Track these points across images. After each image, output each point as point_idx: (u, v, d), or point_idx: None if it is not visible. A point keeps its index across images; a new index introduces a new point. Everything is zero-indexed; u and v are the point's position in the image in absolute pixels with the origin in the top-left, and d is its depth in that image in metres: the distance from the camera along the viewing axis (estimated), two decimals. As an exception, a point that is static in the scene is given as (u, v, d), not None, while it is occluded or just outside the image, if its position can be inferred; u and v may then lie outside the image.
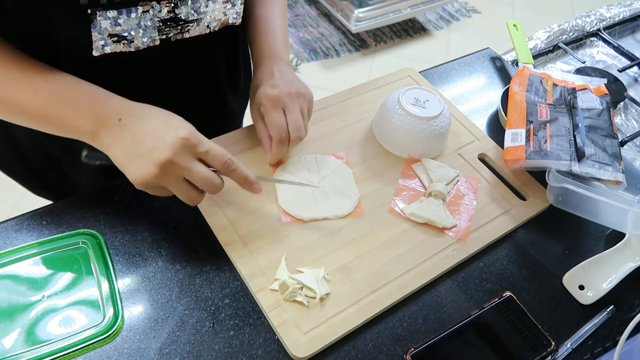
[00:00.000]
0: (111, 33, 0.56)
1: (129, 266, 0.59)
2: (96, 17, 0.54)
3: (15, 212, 0.62)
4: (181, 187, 0.54)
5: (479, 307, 0.59)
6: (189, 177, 0.53)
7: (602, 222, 0.68)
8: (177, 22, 0.60)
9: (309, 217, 0.64)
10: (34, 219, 0.61)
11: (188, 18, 0.60)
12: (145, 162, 0.51)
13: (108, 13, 0.54)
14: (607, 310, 0.62)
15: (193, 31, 0.62)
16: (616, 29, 1.14)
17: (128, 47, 0.58)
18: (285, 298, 0.56)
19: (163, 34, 0.60)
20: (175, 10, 0.58)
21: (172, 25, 0.59)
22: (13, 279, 0.55)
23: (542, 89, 0.80)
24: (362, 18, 2.26)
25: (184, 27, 0.61)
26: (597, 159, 0.68)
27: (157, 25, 0.58)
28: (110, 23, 0.55)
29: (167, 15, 0.58)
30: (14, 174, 0.82)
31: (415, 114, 0.71)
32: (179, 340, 0.54)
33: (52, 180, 0.79)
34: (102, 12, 0.54)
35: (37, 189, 0.84)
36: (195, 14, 0.60)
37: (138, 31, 0.57)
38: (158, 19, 0.58)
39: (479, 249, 0.65)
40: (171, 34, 0.60)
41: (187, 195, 0.55)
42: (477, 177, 0.73)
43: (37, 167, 0.78)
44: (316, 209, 0.65)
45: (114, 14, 0.54)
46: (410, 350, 0.55)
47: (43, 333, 0.52)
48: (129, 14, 0.55)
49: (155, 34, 0.59)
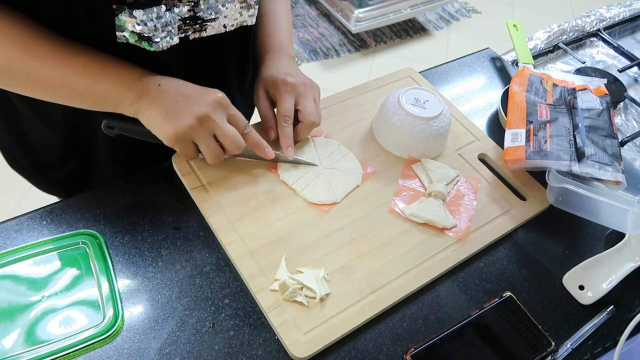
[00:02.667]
0: (134, 31, 0.57)
1: (129, 266, 0.59)
2: (121, 13, 0.55)
3: (15, 212, 0.62)
4: (210, 142, 0.61)
5: (479, 307, 0.59)
6: (219, 133, 0.60)
7: (602, 222, 0.68)
8: (196, 21, 0.61)
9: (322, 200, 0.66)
10: (34, 219, 0.61)
11: (207, 17, 0.61)
12: (184, 115, 0.58)
13: (134, 12, 0.55)
14: (607, 311, 0.62)
15: (210, 30, 0.63)
16: (616, 29, 1.14)
17: (150, 46, 0.59)
18: (285, 298, 0.56)
19: (182, 32, 0.61)
20: (194, 9, 0.60)
21: (191, 24, 0.61)
22: (13, 279, 0.55)
23: (542, 89, 0.80)
24: (362, 18, 2.26)
25: (202, 26, 0.62)
26: (597, 159, 0.68)
27: (178, 23, 0.60)
28: (135, 22, 0.56)
29: (187, 14, 0.59)
30: (23, 170, 0.83)
31: (415, 114, 0.71)
32: (179, 340, 0.54)
33: (61, 177, 0.80)
34: (126, 10, 0.55)
35: (46, 186, 0.85)
36: (214, 13, 0.62)
37: (160, 30, 0.59)
38: (179, 17, 0.59)
39: (479, 249, 0.65)
40: (190, 32, 0.62)
41: (213, 150, 0.61)
42: (477, 177, 0.73)
43: (46, 164, 0.78)
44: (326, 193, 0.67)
45: (139, 13, 0.55)
46: (410, 350, 0.55)
47: (43, 333, 0.52)
48: (152, 12, 0.56)
49: (175, 32, 0.60)
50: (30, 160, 0.80)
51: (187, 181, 0.66)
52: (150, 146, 0.64)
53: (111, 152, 0.73)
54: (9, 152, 0.82)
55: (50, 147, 0.75)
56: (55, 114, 0.68)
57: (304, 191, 0.66)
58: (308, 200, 0.66)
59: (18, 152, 0.80)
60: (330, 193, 0.67)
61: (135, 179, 0.66)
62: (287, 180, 0.67)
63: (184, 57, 0.64)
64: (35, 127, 0.72)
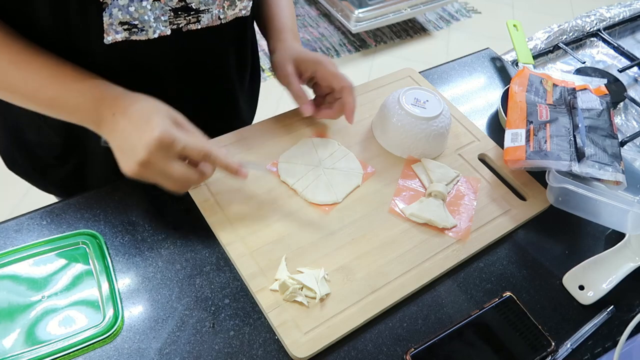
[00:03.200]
0: (122, 21, 0.57)
1: (129, 266, 0.59)
2: (108, 5, 0.55)
3: (15, 212, 0.62)
4: (164, 182, 0.56)
5: (479, 308, 0.59)
6: (166, 176, 0.55)
7: (602, 223, 0.68)
8: (188, 12, 0.61)
9: (322, 201, 0.66)
10: (34, 219, 0.61)
11: (199, 8, 0.61)
12: (128, 159, 0.54)
13: (120, 1, 0.55)
14: (607, 311, 0.62)
15: (204, 21, 0.63)
16: (616, 29, 1.14)
17: (138, 35, 0.59)
18: (285, 298, 0.56)
19: (174, 24, 0.61)
20: (186, 0, 0.59)
21: (182, 14, 0.60)
22: (13, 279, 0.55)
23: (542, 89, 0.80)
24: (362, 18, 2.26)
25: (194, 17, 0.62)
26: (597, 159, 0.68)
27: (168, 14, 0.59)
28: (122, 11, 0.56)
29: (177, 4, 0.59)
30: (21, 171, 0.83)
31: (415, 114, 0.71)
32: (179, 340, 0.54)
33: (60, 175, 0.80)
34: (113, 1, 0.55)
35: (45, 185, 0.85)
36: (204, 4, 0.61)
37: (149, 19, 0.58)
38: (169, 7, 0.59)
39: (479, 249, 0.65)
40: (182, 23, 0.61)
41: (170, 188, 0.56)
42: (477, 177, 0.73)
43: (45, 163, 0.78)
44: (326, 194, 0.67)
45: (125, 2, 0.55)
46: (410, 350, 0.55)
47: (43, 333, 0.52)
48: (140, 1, 0.56)
49: (167, 23, 0.60)
50: (29, 160, 0.79)
51: (187, 181, 0.66)
52: None
53: (110, 151, 0.73)
54: (6, 153, 0.82)
55: (49, 146, 0.75)
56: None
57: (304, 191, 0.66)
58: (309, 201, 0.66)
59: (16, 152, 0.80)
60: (331, 193, 0.67)
61: (135, 180, 0.66)
62: (287, 181, 0.67)
63: (178, 51, 0.64)
64: (34, 125, 0.72)
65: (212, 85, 0.74)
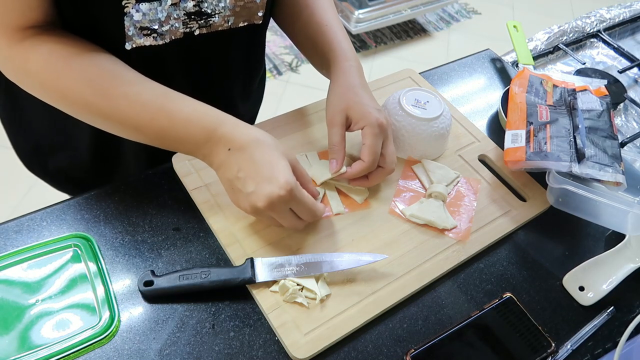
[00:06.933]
0: (142, 26, 0.57)
1: (129, 267, 0.59)
2: (129, 10, 0.55)
3: (15, 212, 0.62)
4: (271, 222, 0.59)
5: (479, 308, 0.59)
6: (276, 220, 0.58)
7: (602, 223, 0.68)
8: (201, 16, 0.61)
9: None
10: (34, 220, 0.61)
11: (213, 12, 0.61)
12: (242, 200, 0.56)
13: (141, 5, 0.55)
14: (607, 312, 0.62)
15: (214, 25, 0.63)
16: (616, 30, 1.14)
17: (156, 41, 0.59)
18: (285, 299, 0.56)
19: (187, 27, 0.61)
20: (200, 5, 0.60)
21: (196, 19, 0.61)
22: (6, 283, 0.55)
23: (542, 90, 0.80)
24: (362, 19, 2.26)
25: (207, 21, 0.62)
26: (597, 160, 0.68)
27: (183, 18, 0.60)
28: (142, 15, 0.56)
29: (192, 8, 0.59)
30: (43, 172, 0.83)
31: (415, 115, 0.71)
32: (179, 341, 0.54)
33: (75, 175, 0.80)
34: (135, 5, 0.55)
35: (60, 184, 0.85)
36: (216, 9, 0.62)
37: (166, 24, 0.59)
38: (184, 12, 0.59)
39: (479, 250, 0.65)
40: (195, 27, 0.62)
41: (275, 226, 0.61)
42: (477, 178, 0.73)
43: (59, 164, 0.79)
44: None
45: (146, 7, 0.56)
46: (411, 351, 0.55)
47: (38, 337, 0.51)
48: (159, 6, 0.57)
49: (180, 26, 0.60)
50: (45, 160, 0.80)
51: (187, 182, 0.66)
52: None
53: (136, 154, 0.74)
54: (28, 155, 0.82)
55: (62, 146, 0.75)
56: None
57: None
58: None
59: (32, 152, 0.80)
60: (337, 204, 0.66)
61: (135, 180, 0.66)
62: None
63: (189, 52, 0.65)
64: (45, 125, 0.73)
65: (212, 91, 0.74)
